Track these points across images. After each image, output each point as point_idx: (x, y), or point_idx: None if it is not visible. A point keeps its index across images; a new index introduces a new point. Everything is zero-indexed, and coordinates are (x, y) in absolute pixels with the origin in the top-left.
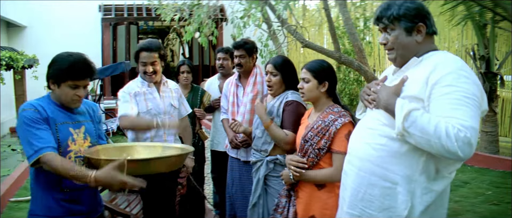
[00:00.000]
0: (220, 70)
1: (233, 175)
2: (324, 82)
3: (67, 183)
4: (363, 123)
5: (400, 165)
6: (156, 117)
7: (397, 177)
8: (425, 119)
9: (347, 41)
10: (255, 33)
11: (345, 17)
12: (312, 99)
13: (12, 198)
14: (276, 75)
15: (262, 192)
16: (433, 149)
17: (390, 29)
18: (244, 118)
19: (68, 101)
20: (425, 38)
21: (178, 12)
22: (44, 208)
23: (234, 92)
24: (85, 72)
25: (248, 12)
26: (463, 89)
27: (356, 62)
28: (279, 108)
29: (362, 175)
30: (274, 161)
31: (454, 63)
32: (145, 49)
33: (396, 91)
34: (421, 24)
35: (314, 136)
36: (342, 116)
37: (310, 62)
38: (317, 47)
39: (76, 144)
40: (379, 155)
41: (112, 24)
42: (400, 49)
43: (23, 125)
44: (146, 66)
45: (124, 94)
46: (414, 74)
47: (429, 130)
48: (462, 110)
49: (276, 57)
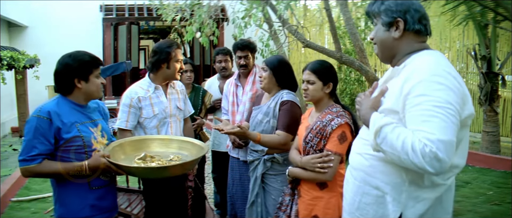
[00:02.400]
0: (222, 72)
1: (234, 175)
2: (329, 83)
3: (94, 181)
4: (360, 133)
5: (389, 174)
6: (163, 121)
7: (386, 187)
8: (394, 135)
9: (348, 41)
10: (256, 33)
11: (346, 17)
12: (315, 100)
13: (14, 198)
14: (266, 71)
15: (259, 190)
16: (405, 165)
17: (374, 24)
18: (243, 117)
19: (98, 91)
20: (407, 35)
21: (179, 12)
22: (75, 211)
23: (234, 91)
24: (98, 59)
25: (249, 12)
26: (434, 98)
27: (357, 62)
28: (275, 109)
29: (357, 184)
30: (272, 160)
31: (428, 69)
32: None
33: (373, 104)
34: (399, 19)
35: (314, 137)
36: (339, 116)
37: (313, 63)
38: (318, 47)
39: (98, 142)
40: (370, 165)
41: (113, 24)
42: (379, 44)
43: (31, 128)
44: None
45: (125, 100)
46: (393, 84)
47: (397, 146)
48: (431, 122)
49: (272, 57)
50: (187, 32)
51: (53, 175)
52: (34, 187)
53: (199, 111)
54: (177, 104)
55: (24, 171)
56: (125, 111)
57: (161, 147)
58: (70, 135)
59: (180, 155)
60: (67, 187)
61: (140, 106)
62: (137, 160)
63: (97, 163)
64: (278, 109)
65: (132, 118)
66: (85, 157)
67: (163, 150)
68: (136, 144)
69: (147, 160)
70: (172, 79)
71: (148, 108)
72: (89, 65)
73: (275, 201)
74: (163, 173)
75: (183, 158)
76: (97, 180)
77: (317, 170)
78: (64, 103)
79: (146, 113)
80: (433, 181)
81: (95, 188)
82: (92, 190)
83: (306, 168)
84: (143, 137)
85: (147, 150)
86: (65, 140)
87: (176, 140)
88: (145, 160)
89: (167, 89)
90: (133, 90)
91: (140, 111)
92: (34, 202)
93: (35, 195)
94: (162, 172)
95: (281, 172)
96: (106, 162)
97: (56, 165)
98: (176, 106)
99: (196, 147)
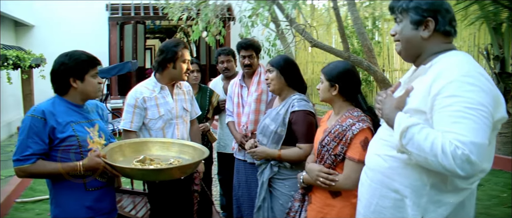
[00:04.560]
0: (225, 73)
1: (240, 177)
2: (335, 85)
3: (91, 183)
4: (378, 133)
5: (409, 177)
6: (168, 123)
7: (406, 190)
8: (422, 136)
9: (356, 41)
10: (263, 32)
11: (354, 17)
12: (327, 100)
13: (18, 198)
14: (272, 71)
15: (266, 195)
16: (432, 167)
17: (399, 20)
18: (249, 118)
19: (95, 91)
20: (436, 36)
21: (185, 11)
22: (70, 212)
23: (239, 92)
24: (96, 58)
25: (256, 11)
26: (466, 99)
27: (366, 62)
28: (285, 117)
29: (374, 186)
30: (279, 164)
31: (458, 69)
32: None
33: (398, 104)
34: (429, 18)
35: (331, 141)
36: (360, 121)
37: (328, 64)
38: (326, 46)
39: (94, 142)
40: (389, 166)
41: (119, 23)
42: (404, 42)
43: (25, 128)
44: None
45: (130, 100)
46: (419, 84)
47: (425, 148)
48: (463, 124)
49: (276, 57)
50: (193, 32)
51: (47, 175)
52: (39, 188)
53: (206, 112)
54: (183, 105)
55: (18, 171)
56: (129, 112)
57: (161, 150)
58: (64, 134)
59: (180, 159)
60: (63, 187)
61: (145, 106)
62: (135, 162)
63: (92, 163)
64: (287, 118)
65: (137, 119)
66: (81, 157)
67: (163, 153)
68: (136, 146)
69: (146, 163)
70: (179, 79)
71: (154, 108)
72: (85, 65)
73: (282, 206)
74: (158, 176)
75: (184, 162)
76: (94, 182)
77: (318, 183)
78: (60, 103)
79: (152, 114)
80: (456, 185)
81: (91, 190)
82: (88, 191)
83: (309, 175)
84: (144, 140)
85: (147, 153)
86: (60, 140)
87: (178, 144)
88: (144, 162)
89: (174, 89)
90: (138, 90)
91: (145, 111)
92: (38, 203)
93: (40, 196)
94: (157, 174)
95: (289, 176)
96: (101, 162)
97: (50, 165)
98: (183, 107)
99: (198, 151)
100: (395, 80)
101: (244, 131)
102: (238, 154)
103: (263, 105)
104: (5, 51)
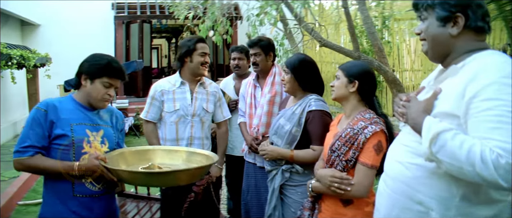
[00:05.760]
0: (236, 71)
1: (249, 181)
2: (354, 81)
3: (79, 189)
4: (399, 138)
5: (436, 187)
6: (183, 118)
7: (432, 202)
8: (456, 143)
9: (365, 40)
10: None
11: (364, 16)
12: (340, 98)
13: (21, 201)
14: (287, 73)
15: (277, 202)
16: (467, 178)
17: (423, 17)
18: (260, 120)
19: (98, 99)
20: (466, 33)
21: (192, 10)
22: (54, 213)
23: (252, 93)
24: (120, 72)
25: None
26: (507, 103)
27: (376, 62)
28: (301, 117)
29: (395, 197)
30: (290, 170)
31: (498, 69)
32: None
33: (426, 107)
34: (459, 14)
35: (342, 146)
36: (373, 123)
37: (345, 62)
38: (336, 46)
39: (91, 147)
40: (413, 176)
41: (125, 23)
42: (430, 41)
43: (29, 120)
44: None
45: (151, 92)
46: (450, 85)
47: (460, 156)
48: (505, 130)
49: (292, 56)
50: (200, 31)
51: (44, 171)
52: (42, 190)
53: None
54: (203, 105)
55: (15, 163)
56: (148, 102)
57: (168, 158)
58: (60, 131)
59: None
60: (53, 187)
61: (162, 99)
62: (141, 169)
63: (90, 165)
64: (304, 118)
65: (154, 110)
66: (73, 159)
67: (171, 162)
68: (141, 154)
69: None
70: (197, 73)
71: (170, 102)
72: (101, 69)
73: (294, 214)
74: (152, 181)
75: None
76: (83, 188)
77: (332, 189)
78: (69, 101)
79: (167, 107)
80: (490, 196)
81: (79, 196)
82: (74, 197)
83: (320, 182)
84: (146, 148)
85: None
86: (55, 136)
87: (187, 152)
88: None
89: (196, 87)
90: (159, 83)
91: (162, 104)
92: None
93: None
94: (151, 180)
95: (302, 183)
96: (100, 166)
97: (48, 161)
98: (202, 107)
99: (209, 160)
100: (405, 80)
101: (255, 134)
102: (248, 157)
103: (276, 107)
104: (9, 50)
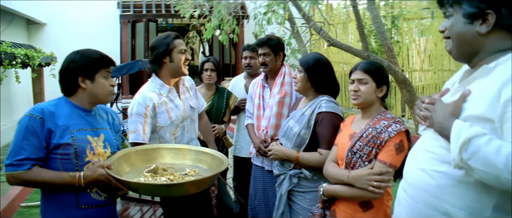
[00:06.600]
0: (247, 70)
1: (257, 185)
2: (383, 86)
3: (84, 200)
4: (421, 143)
5: (464, 197)
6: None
7: (460, 213)
8: (491, 149)
9: (374, 40)
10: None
11: (373, 15)
12: (366, 104)
13: (23, 203)
14: (301, 72)
15: (285, 209)
16: (503, 186)
17: (448, 14)
18: (269, 122)
19: (105, 94)
20: (497, 31)
21: (198, 9)
22: None
23: (260, 93)
24: (109, 58)
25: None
26: None
27: (386, 62)
28: (310, 119)
29: (416, 207)
30: (298, 176)
31: None
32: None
33: (454, 110)
34: (489, 11)
35: (364, 147)
36: (396, 122)
37: (365, 63)
38: (345, 45)
39: (94, 154)
40: (438, 185)
41: (130, 21)
42: (455, 39)
43: (21, 129)
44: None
45: (139, 109)
46: (481, 87)
47: (497, 163)
48: None
49: (308, 54)
50: (206, 30)
51: (43, 184)
52: None
53: (222, 115)
54: (190, 103)
55: (9, 178)
56: (140, 122)
57: (176, 158)
58: (61, 141)
59: (197, 168)
60: (54, 200)
61: (155, 114)
62: (146, 173)
63: (95, 175)
64: (313, 120)
65: (148, 129)
66: (76, 170)
67: (178, 161)
68: (146, 154)
69: (159, 173)
70: (180, 73)
71: (164, 115)
72: (96, 63)
73: None
74: (169, 192)
75: (201, 172)
76: (87, 198)
77: (371, 189)
78: (64, 105)
79: (163, 121)
80: None
81: (84, 207)
82: (80, 209)
83: (356, 185)
84: (155, 146)
85: (160, 162)
86: (54, 146)
87: (194, 151)
88: (156, 173)
89: (179, 88)
90: (146, 96)
91: (155, 119)
92: None
93: None
94: (169, 190)
95: (310, 189)
96: (105, 174)
97: (47, 174)
98: (190, 106)
99: (216, 160)
100: (414, 81)
101: (264, 136)
102: (256, 160)
103: (285, 109)
104: (14, 49)
